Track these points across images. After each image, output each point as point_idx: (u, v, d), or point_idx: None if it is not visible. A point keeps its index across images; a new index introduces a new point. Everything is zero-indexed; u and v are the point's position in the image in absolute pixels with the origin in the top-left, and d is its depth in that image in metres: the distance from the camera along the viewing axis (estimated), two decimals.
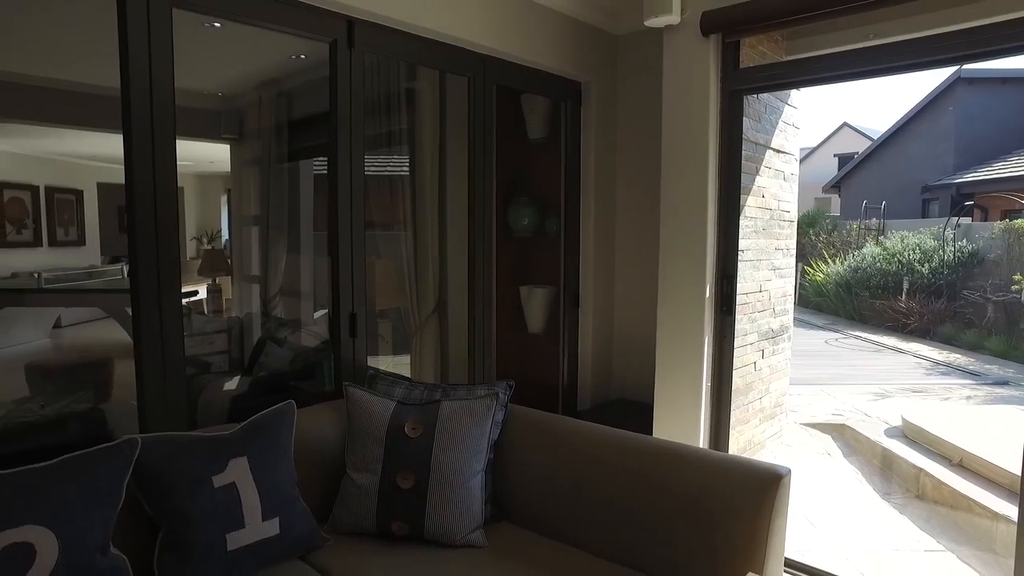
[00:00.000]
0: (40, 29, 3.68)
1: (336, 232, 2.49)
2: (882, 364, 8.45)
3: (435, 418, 2.09)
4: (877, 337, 10.10)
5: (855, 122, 23.24)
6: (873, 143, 17.34)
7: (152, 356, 2.07)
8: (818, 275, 12.69)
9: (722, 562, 1.73)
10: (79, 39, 3.96)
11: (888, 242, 11.91)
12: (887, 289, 11.12)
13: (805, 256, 13.35)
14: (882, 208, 13.82)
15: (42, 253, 9.58)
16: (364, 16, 2.49)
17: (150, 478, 1.75)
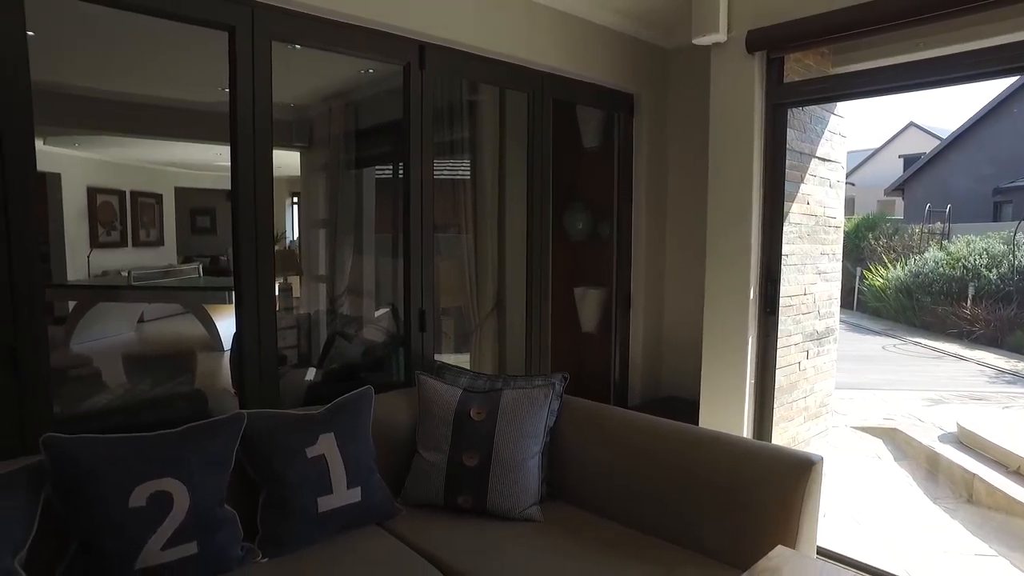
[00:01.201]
0: (143, 53, 4.08)
1: (408, 235, 2.76)
2: (941, 371, 8.28)
3: (497, 404, 2.32)
4: (938, 344, 9.85)
5: (923, 121, 22.30)
6: (940, 143, 16.71)
7: (250, 343, 2.37)
8: (877, 280, 12.42)
9: (757, 539, 1.88)
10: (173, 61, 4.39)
11: (953, 246, 11.57)
12: (950, 295, 10.81)
13: (864, 260, 13.08)
14: (947, 211, 13.39)
15: (127, 253, 10.30)
16: (434, 41, 2.75)
17: (254, 447, 2.04)
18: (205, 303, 7.41)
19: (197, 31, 2.26)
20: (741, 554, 1.87)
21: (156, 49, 4.00)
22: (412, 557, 2.00)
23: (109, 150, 8.61)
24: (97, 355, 5.31)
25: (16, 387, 1.93)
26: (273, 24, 2.33)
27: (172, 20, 2.17)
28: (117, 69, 4.47)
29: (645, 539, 2.11)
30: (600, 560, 1.96)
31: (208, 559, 1.83)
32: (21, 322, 1.93)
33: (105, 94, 5.12)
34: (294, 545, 2.00)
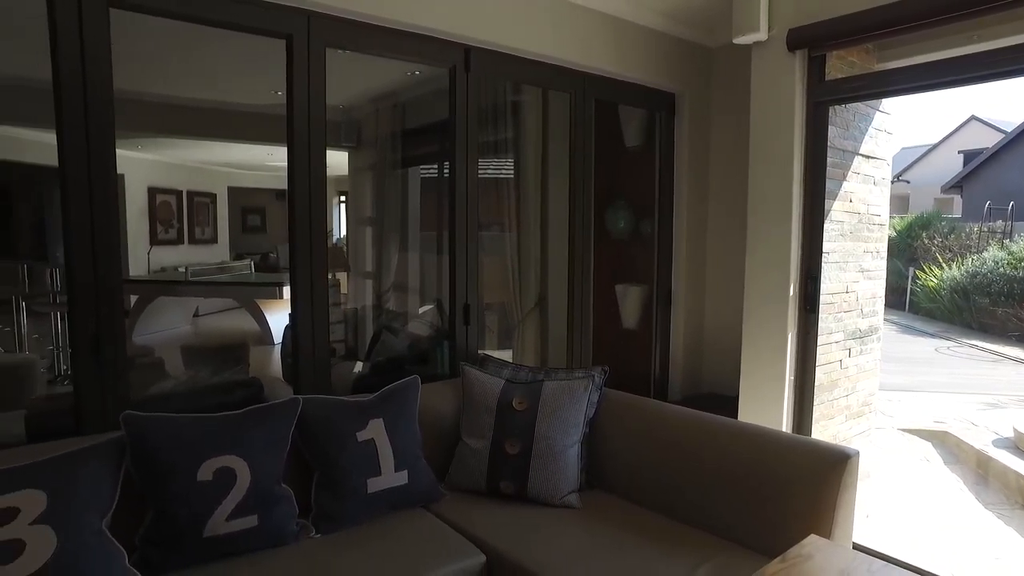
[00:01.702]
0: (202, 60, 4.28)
1: (454, 232, 2.87)
2: (998, 375, 8.01)
3: (539, 395, 2.41)
4: (997, 347, 9.51)
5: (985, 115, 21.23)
6: (1004, 138, 16.03)
7: (305, 336, 2.51)
8: (931, 280, 12.04)
9: (791, 530, 1.91)
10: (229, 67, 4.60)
11: (1015, 246, 11.13)
12: (1012, 296, 10.41)
13: (916, 260, 12.70)
14: (1009, 209, 12.87)
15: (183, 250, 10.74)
16: (480, 44, 2.85)
17: (309, 431, 2.17)
18: (257, 298, 7.71)
19: (252, 38, 2.41)
20: (775, 544, 1.90)
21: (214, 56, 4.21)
22: (456, 537, 2.11)
23: (168, 151, 9.00)
24: (158, 346, 5.57)
25: (99, 370, 2.11)
26: (328, 32, 2.46)
27: (234, 30, 2.32)
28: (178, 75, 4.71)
29: (680, 527, 2.17)
30: (636, 545, 2.03)
31: (267, 532, 1.97)
32: (103, 313, 2.10)
33: (166, 99, 5.39)
34: (345, 523, 2.12)
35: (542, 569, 1.91)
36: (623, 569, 1.90)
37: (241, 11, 2.27)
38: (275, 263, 11.35)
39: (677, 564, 1.92)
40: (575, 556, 1.97)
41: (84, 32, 2.00)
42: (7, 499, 1.63)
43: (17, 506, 1.63)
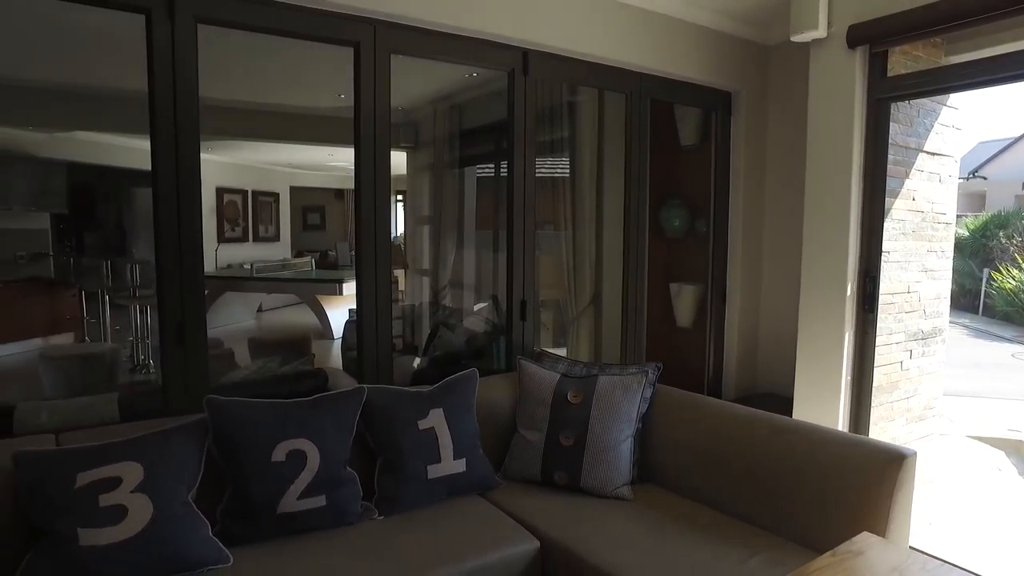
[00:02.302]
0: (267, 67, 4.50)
1: (511, 230, 2.96)
2: None
3: (593, 389, 2.47)
4: None
5: None
6: None
7: (369, 328, 2.64)
8: (1008, 282, 11.47)
9: (844, 528, 1.91)
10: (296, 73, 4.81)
11: None
12: None
13: (992, 261, 12.12)
14: None
15: (248, 247, 11.18)
16: (537, 47, 2.92)
17: (373, 418, 2.29)
18: (318, 295, 7.99)
19: (318, 46, 2.54)
20: (827, 541, 1.90)
21: (281, 63, 4.43)
22: (511, 523, 2.19)
23: (235, 153, 9.42)
24: (226, 339, 5.85)
25: (183, 356, 2.28)
26: (392, 39, 2.58)
27: (307, 40, 2.47)
28: (247, 81, 4.96)
29: (731, 521, 2.19)
30: (686, 537, 2.07)
31: (334, 511, 2.10)
32: (188, 304, 2.28)
33: (237, 104, 5.68)
34: (405, 506, 2.24)
35: (595, 556, 1.97)
36: (674, 558, 1.95)
37: (314, 22, 2.41)
38: (334, 260, 11.71)
39: (728, 556, 1.95)
40: (627, 545, 2.02)
41: (176, 47, 2.17)
42: (112, 469, 1.80)
43: (120, 476, 1.80)
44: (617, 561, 1.93)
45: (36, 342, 6.84)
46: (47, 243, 9.41)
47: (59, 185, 9.84)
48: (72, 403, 2.51)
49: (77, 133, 7.47)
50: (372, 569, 1.89)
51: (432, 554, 1.98)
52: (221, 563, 1.88)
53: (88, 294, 7.42)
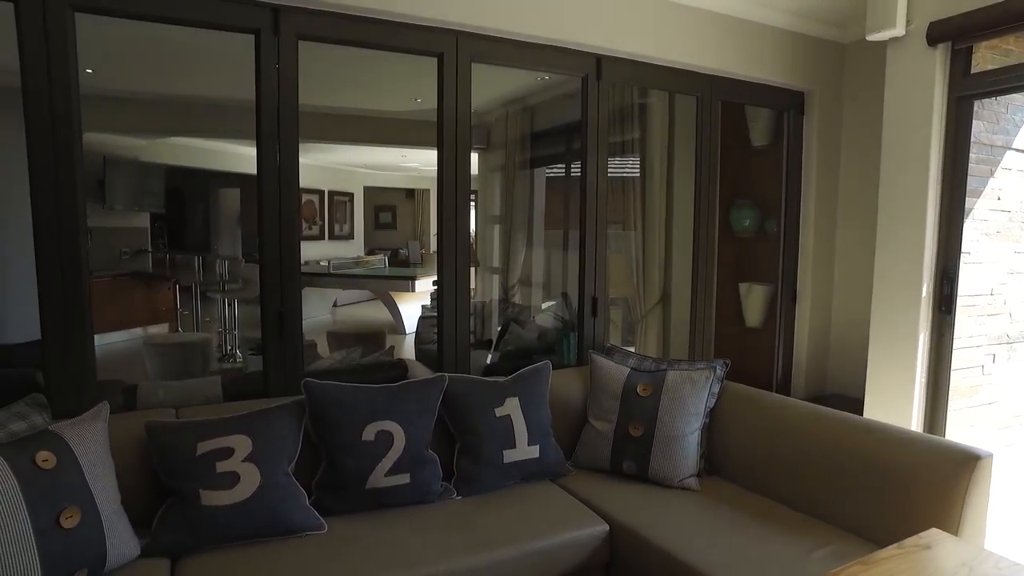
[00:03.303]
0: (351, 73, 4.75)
1: (584, 229, 3.07)
2: None
3: (662, 383, 2.56)
4: None
5: None
6: None
7: (449, 320, 2.81)
8: None
9: (913, 524, 1.94)
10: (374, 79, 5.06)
11: None
12: None
13: None
14: None
15: (324, 245, 11.67)
16: (610, 53, 3.02)
17: (453, 404, 2.45)
18: (391, 291, 8.30)
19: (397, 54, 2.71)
20: (896, 538, 1.92)
21: (361, 69, 4.67)
22: (581, 508, 2.31)
23: (313, 155, 9.88)
24: (307, 332, 6.19)
25: (282, 343, 2.50)
26: (473, 48, 2.74)
27: (397, 52, 2.65)
28: (328, 87, 5.25)
29: (797, 515, 2.24)
30: (752, 527, 2.13)
31: (416, 489, 2.27)
32: (286, 295, 2.50)
33: (318, 108, 6.00)
34: (482, 487, 2.39)
35: (664, 541, 2.06)
36: (741, 546, 2.02)
37: (402, 35, 2.59)
38: (405, 258, 12.08)
39: (794, 547, 2.01)
40: (694, 532, 2.10)
41: (281, 61, 2.39)
42: (226, 440, 2.03)
43: (232, 447, 2.02)
44: (685, 546, 2.01)
45: (137, 331, 7.42)
46: (146, 240, 10.13)
47: (157, 187, 10.56)
48: (183, 384, 2.78)
49: (173, 138, 8.02)
50: (453, 542, 2.04)
51: (508, 531, 2.11)
52: (317, 530, 2.08)
53: (181, 288, 7.98)
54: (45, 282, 2.18)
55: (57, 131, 2.14)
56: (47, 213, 2.16)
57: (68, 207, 2.18)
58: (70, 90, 2.14)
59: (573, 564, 2.15)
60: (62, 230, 2.18)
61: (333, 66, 4.58)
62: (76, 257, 2.21)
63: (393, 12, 2.52)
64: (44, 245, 2.17)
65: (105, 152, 7.57)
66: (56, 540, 1.63)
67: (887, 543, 1.92)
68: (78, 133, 2.18)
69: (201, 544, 1.94)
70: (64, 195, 2.18)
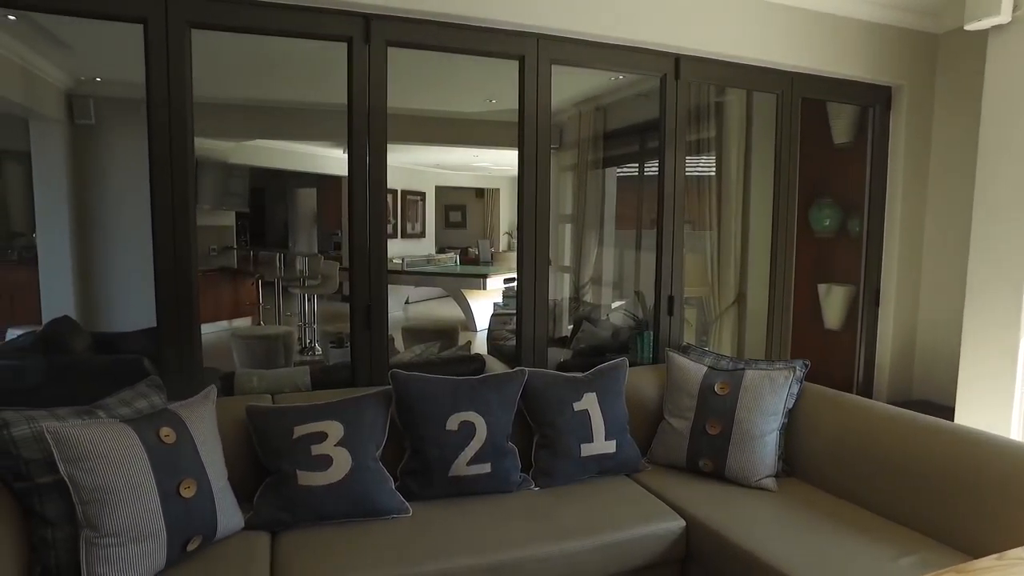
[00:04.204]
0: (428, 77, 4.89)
1: (660, 227, 3.08)
2: None
3: (740, 382, 2.55)
4: None
5: None
6: None
7: (527, 317, 2.88)
8: None
9: (1010, 536, 1.89)
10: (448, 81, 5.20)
11: None
12: None
13: None
14: None
15: (396, 243, 12.01)
16: (689, 52, 3.02)
17: (532, 398, 2.53)
18: (463, 288, 8.48)
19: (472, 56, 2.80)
20: (990, 549, 1.87)
21: (437, 72, 4.81)
22: (657, 502, 2.34)
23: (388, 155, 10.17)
24: None
25: (369, 334, 2.64)
26: (553, 51, 2.80)
27: (480, 56, 2.74)
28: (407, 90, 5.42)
29: (879, 520, 2.19)
30: (833, 530, 2.10)
31: (496, 479, 2.35)
32: (374, 290, 2.63)
33: (399, 110, 6.20)
34: (559, 479, 2.45)
35: (742, 540, 2.06)
36: (822, 549, 1.99)
37: (485, 39, 2.69)
38: (475, 257, 12.28)
39: (878, 552, 1.97)
40: (774, 532, 2.09)
41: (371, 67, 2.52)
42: (319, 425, 2.16)
43: (326, 431, 2.15)
44: (766, 546, 2.00)
45: (223, 324, 7.85)
46: (232, 238, 10.70)
47: (242, 187, 11.13)
48: (274, 372, 2.97)
49: (258, 141, 8.44)
50: (532, 530, 2.11)
51: (586, 522, 2.17)
52: (403, 513, 2.19)
53: (263, 283, 8.40)
54: (161, 276, 2.38)
55: (174, 137, 2.33)
56: (163, 213, 2.36)
57: (181, 207, 2.38)
58: (185, 99, 2.33)
59: (649, 557, 2.18)
60: (176, 228, 2.37)
61: (410, 69, 4.74)
62: (187, 253, 2.40)
63: (477, 17, 2.61)
64: (161, 242, 2.37)
65: (197, 155, 8.05)
66: (177, 507, 1.79)
67: (979, 554, 1.88)
68: (191, 139, 2.37)
69: (297, 521, 2.08)
70: (178, 196, 2.37)
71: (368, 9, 2.49)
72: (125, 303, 5.43)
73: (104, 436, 1.74)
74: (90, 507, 1.69)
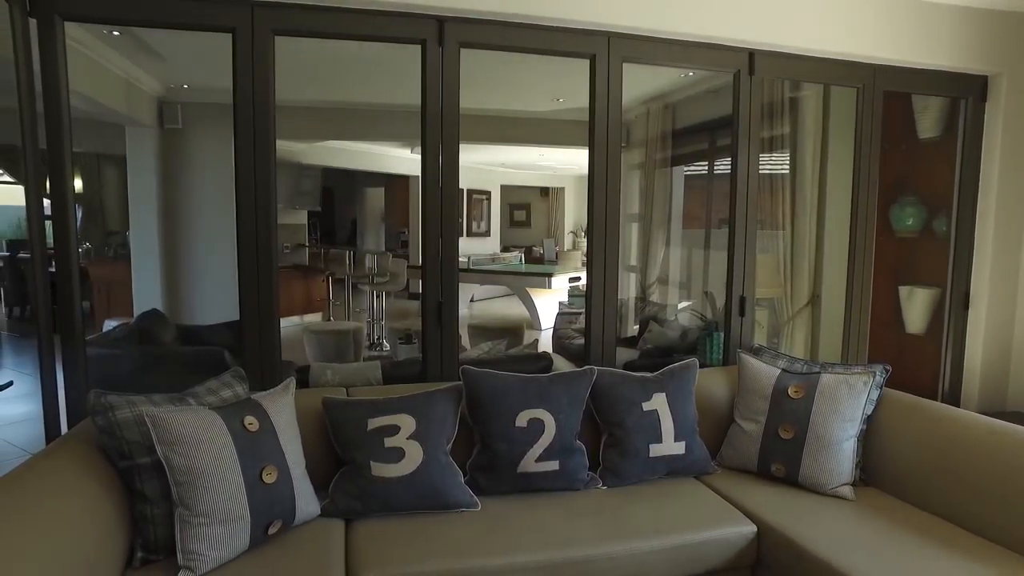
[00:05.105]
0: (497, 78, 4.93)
1: (733, 227, 3.02)
2: None
3: (815, 386, 2.47)
4: None
5: None
6: None
7: (596, 316, 2.88)
8: None
9: None
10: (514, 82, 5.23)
11: None
12: None
13: None
14: None
15: (463, 242, 12.10)
16: (764, 47, 2.95)
17: (601, 396, 2.52)
18: (528, 287, 8.51)
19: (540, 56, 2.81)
20: None
21: (504, 71, 4.85)
22: (727, 506, 2.30)
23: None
24: None
25: (440, 331, 2.70)
26: (624, 49, 2.79)
27: (548, 55, 2.75)
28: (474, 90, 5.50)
29: (967, 535, 2.08)
30: (917, 544, 2.01)
31: (564, 476, 2.37)
32: (445, 288, 2.69)
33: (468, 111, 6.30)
34: (627, 479, 2.44)
35: (819, 549, 1.99)
36: (907, 563, 1.91)
37: (558, 39, 2.70)
38: (539, 256, 12.32)
39: (967, 570, 1.86)
40: (853, 542, 2.02)
41: (444, 68, 2.58)
42: (392, 418, 2.23)
43: (398, 424, 2.22)
44: (842, 557, 1.93)
45: (294, 319, 8.15)
46: (304, 236, 11.08)
47: (313, 186, 11.52)
48: (347, 366, 3.07)
49: (329, 142, 8.72)
50: (600, 528, 2.11)
51: (654, 523, 2.15)
52: (472, 507, 2.23)
53: (333, 280, 8.67)
54: (244, 272, 2.50)
55: (258, 140, 2.45)
56: (247, 211, 2.48)
57: (264, 207, 2.49)
58: (268, 103, 2.44)
59: (719, 562, 2.15)
60: (259, 227, 2.49)
61: (478, 69, 4.80)
62: (269, 250, 2.51)
63: (549, 17, 2.62)
64: (245, 240, 2.49)
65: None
66: (260, 492, 1.88)
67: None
68: (274, 141, 2.48)
69: (370, 510, 2.15)
70: (261, 196, 2.49)
71: (442, 12, 2.54)
72: (206, 297, 5.72)
73: (195, 422, 1.85)
74: (183, 487, 1.79)
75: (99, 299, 6.08)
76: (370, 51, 3.89)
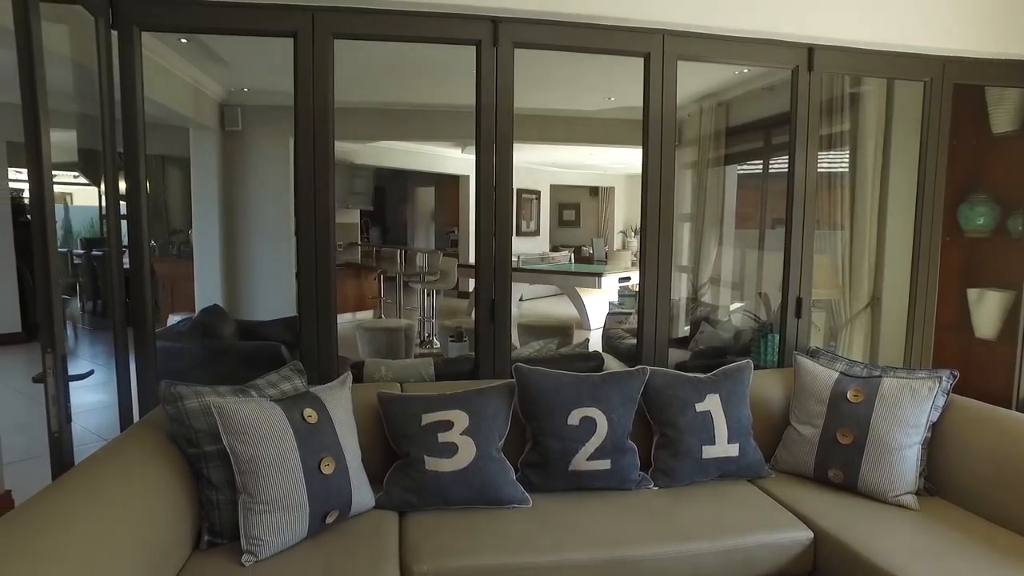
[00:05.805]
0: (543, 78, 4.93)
1: (790, 226, 2.96)
2: None
3: (876, 390, 2.40)
4: None
5: None
6: None
7: (649, 316, 2.86)
8: None
9: None
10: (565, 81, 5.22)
11: None
12: None
13: None
14: None
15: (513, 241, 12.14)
16: (824, 42, 2.87)
17: (653, 397, 2.51)
18: (578, 287, 8.49)
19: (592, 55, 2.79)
20: None
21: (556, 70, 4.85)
22: (782, 511, 2.25)
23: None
24: None
25: (492, 328, 2.72)
26: (679, 47, 2.76)
27: (602, 54, 2.74)
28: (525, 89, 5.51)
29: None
30: (986, 558, 1.93)
31: (615, 475, 2.36)
32: (498, 286, 2.71)
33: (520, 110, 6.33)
34: (679, 480, 2.42)
35: (879, 558, 1.93)
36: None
37: (612, 38, 2.69)
38: (588, 255, 12.27)
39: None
40: (917, 554, 1.95)
41: (499, 69, 2.60)
42: (446, 414, 2.27)
43: (452, 420, 2.25)
44: (906, 569, 1.86)
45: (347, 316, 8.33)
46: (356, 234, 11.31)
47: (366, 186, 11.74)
48: (401, 363, 3.12)
49: (381, 142, 8.87)
50: (651, 529, 2.10)
51: (706, 525, 2.13)
52: (523, 504, 2.25)
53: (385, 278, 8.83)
54: (303, 269, 2.58)
55: (317, 141, 2.52)
56: (306, 210, 2.55)
57: (323, 206, 2.57)
58: (328, 105, 2.51)
59: (773, 567, 2.11)
60: (318, 225, 2.56)
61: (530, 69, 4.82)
62: (327, 249, 2.58)
63: (603, 16, 2.62)
64: (304, 238, 2.56)
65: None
66: (318, 482, 1.94)
67: None
68: (332, 142, 2.55)
69: (424, 503, 2.19)
70: (319, 195, 2.56)
71: (496, 13, 2.56)
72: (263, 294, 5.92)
73: (258, 413, 1.92)
74: (246, 475, 1.87)
75: (164, 294, 6.35)
76: (422, 52, 3.95)
